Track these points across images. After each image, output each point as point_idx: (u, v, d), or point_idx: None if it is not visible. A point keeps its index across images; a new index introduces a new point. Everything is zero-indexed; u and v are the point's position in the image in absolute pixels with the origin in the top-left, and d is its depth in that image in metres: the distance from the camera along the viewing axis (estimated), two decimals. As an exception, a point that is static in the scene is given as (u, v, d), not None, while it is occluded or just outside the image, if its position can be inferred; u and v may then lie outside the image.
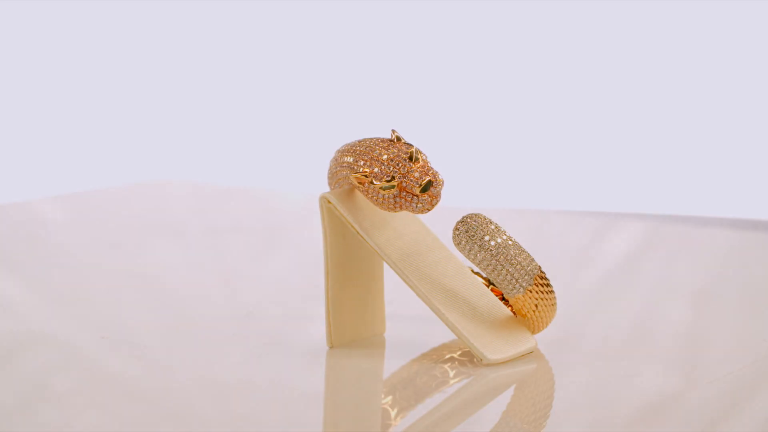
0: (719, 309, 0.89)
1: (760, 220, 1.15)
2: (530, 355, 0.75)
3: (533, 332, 0.76)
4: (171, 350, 0.77)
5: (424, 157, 0.73)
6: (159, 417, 0.66)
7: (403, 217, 0.77)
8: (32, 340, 0.78)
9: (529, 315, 0.75)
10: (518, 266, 0.73)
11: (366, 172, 0.73)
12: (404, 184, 0.72)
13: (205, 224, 1.14)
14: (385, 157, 0.73)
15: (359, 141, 0.75)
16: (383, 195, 0.73)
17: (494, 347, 0.73)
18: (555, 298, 0.75)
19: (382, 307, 0.79)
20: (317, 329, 0.78)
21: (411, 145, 0.73)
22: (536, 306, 0.74)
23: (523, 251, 0.74)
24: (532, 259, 0.74)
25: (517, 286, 0.73)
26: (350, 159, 0.74)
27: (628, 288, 0.95)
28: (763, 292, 0.94)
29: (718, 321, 0.86)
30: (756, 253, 1.07)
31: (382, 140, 0.74)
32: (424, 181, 0.72)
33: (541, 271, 0.74)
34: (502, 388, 0.72)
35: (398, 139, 0.74)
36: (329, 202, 0.75)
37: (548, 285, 0.74)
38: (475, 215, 0.74)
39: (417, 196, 0.72)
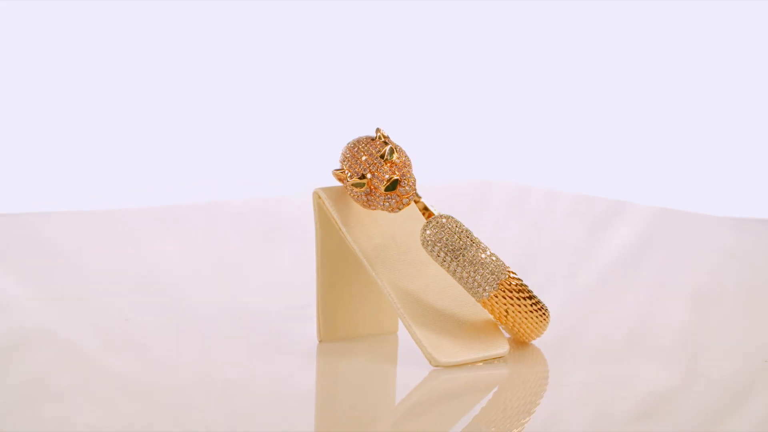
0: (719, 308, 0.87)
1: (761, 219, 1.09)
2: (528, 355, 0.74)
3: (524, 340, 0.74)
4: (171, 349, 0.78)
5: (397, 156, 0.73)
6: (159, 415, 0.68)
7: (402, 215, 0.77)
8: (33, 339, 0.80)
9: (501, 321, 0.73)
10: (479, 268, 0.71)
11: (343, 169, 0.74)
12: (374, 183, 0.73)
13: (205, 224, 1.17)
14: (362, 155, 0.73)
15: (354, 139, 0.76)
16: (356, 192, 0.74)
17: (447, 350, 0.72)
18: (537, 305, 0.72)
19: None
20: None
21: (387, 144, 0.73)
22: (506, 312, 0.72)
23: (491, 255, 0.72)
24: (502, 263, 0.72)
25: (480, 290, 0.71)
26: (342, 157, 0.75)
27: (627, 286, 0.93)
28: (763, 291, 0.92)
29: (719, 320, 0.84)
30: (757, 252, 1.04)
31: (367, 138, 0.74)
32: (390, 181, 0.72)
33: (513, 276, 0.72)
34: (483, 389, 0.71)
35: (380, 137, 0.74)
36: (319, 197, 0.76)
37: (523, 291, 0.72)
38: (441, 216, 0.73)
39: (383, 194, 0.72)
